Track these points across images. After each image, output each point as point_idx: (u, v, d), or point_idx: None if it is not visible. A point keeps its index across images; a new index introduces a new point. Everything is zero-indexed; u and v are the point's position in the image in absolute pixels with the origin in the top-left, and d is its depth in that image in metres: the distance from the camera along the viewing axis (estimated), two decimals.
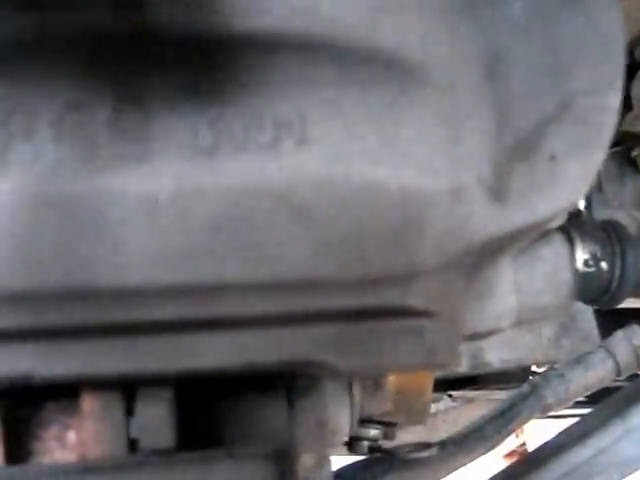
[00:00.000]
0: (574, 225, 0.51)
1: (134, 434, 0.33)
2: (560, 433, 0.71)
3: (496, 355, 0.98)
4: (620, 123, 0.83)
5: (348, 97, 0.29)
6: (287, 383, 0.41)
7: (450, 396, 1.16)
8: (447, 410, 1.15)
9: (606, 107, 0.34)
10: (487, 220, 0.32)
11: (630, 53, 0.79)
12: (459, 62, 0.31)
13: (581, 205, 0.78)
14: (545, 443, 0.70)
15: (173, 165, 0.28)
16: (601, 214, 0.85)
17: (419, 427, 0.93)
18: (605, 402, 0.71)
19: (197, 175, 0.28)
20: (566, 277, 0.42)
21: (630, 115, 0.77)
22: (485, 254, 0.35)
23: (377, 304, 0.31)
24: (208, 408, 0.38)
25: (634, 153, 0.88)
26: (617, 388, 0.74)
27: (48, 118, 0.27)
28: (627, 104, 0.76)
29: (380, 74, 0.29)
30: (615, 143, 0.89)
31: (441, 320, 0.32)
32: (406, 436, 0.77)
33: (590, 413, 0.72)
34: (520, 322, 0.40)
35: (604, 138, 0.34)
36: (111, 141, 0.27)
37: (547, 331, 0.99)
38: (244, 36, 0.28)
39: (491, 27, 0.32)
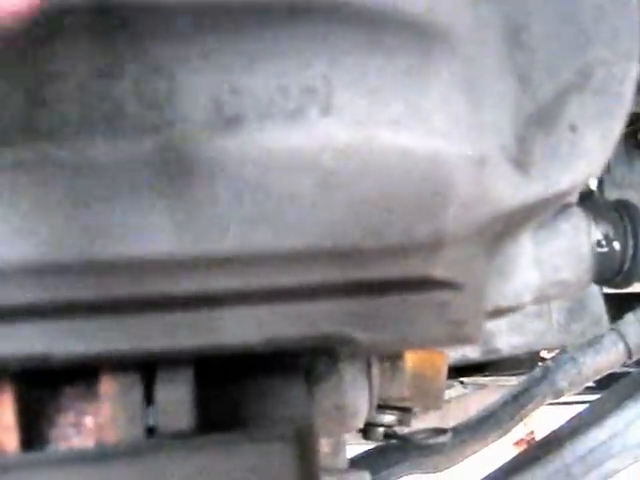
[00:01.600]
0: (586, 205, 0.51)
1: (153, 417, 0.33)
2: (573, 418, 0.71)
3: (506, 341, 0.98)
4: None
5: (373, 63, 0.28)
6: (306, 367, 0.41)
7: (462, 383, 1.16)
8: (459, 397, 1.14)
9: (625, 77, 0.34)
10: (511, 189, 0.32)
11: None
12: (483, 30, 0.31)
13: (593, 185, 0.78)
14: (558, 428, 0.70)
15: (197, 133, 0.27)
16: (612, 194, 0.85)
17: (431, 414, 0.93)
18: (617, 386, 0.71)
19: (221, 143, 0.27)
20: (585, 251, 0.42)
21: (638, 96, 0.77)
22: (507, 226, 0.34)
23: (401, 275, 0.30)
24: (227, 390, 0.37)
25: None
26: (624, 374, 0.73)
27: (73, 85, 0.27)
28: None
29: (406, 40, 0.29)
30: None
31: (465, 293, 0.32)
32: (418, 424, 0.77)
33: (602, 397, 0.72)
34: (541, 298, 0.40)
35: (623, 108, 0.34)
36: (136, 109, 0.27)
37: (557, 316, 0.99)
38: (268, 2, 0.27)
39: None
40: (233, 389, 0.38)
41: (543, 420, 0.86)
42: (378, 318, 0.31)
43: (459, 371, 1.08)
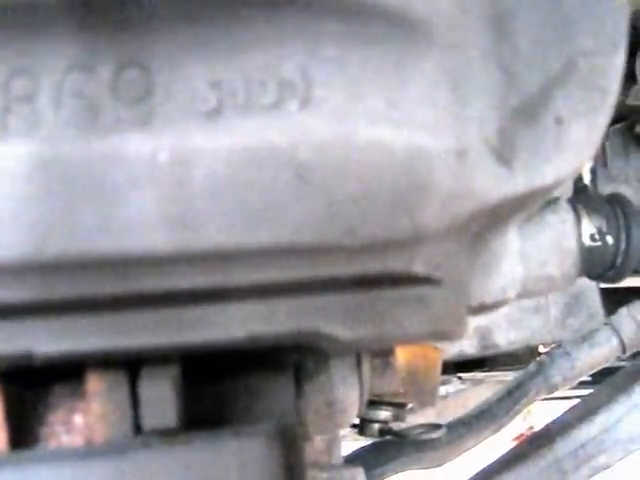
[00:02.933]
0: (580, 199, 0.50)
1: (139, 414, 0.33)
2: (565, 412, 0.71)
3: (503, 336, 0.98)
4: (624, 97, 0.82)
5: (352, 55, 0.28)
6: (295, 363, 0.41)
7: (459, 378, 1.16)
8: (456, 392, 1.14)
9: (610, 69, 0.33)
10: (493, 183, 0.31)
11: (634, 27, 0.78)
12: (465, 19, 0.30)
13: (586, 179, 0.78)
14: (551, 422, 0.70)
15: (175, 127, 0.27)
16: (606, 188, 0.84)
17: (428, 410, 0.93)
18: (609, 380, 0.71)
19: (199, 136, 0.27)
20: (572, 246, 0.41)
21: (635, 89, 0.76)
22: (491, 220, 0.34)
23: (382, 271, 0.30)
24: (215, 387, 0.37)
25: (638, 128, 0.87)
26: (619, 368, 0.73)
27: (48, 81, 0.27)
28: (631, 77, 0.75)
29: (385, 31, 0.28)
30: (619, 118, 0.88)
31: (447, 288, 0.32)
32: (415, 419, 0.77)
33: (594, 392, 0.72)
34: (526, 293, 0.40)
35: (608, 101, 0.33)
36: (112, 104, 0.27)
37: (553, 310, 0.98)
38: None
39: None
40: (221, 385, 0.38)
41: (542, 415, 0.86)
42: (358, 314, 0.31)
43: (457, 366, 1.08)
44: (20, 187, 0.27)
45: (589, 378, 0.78)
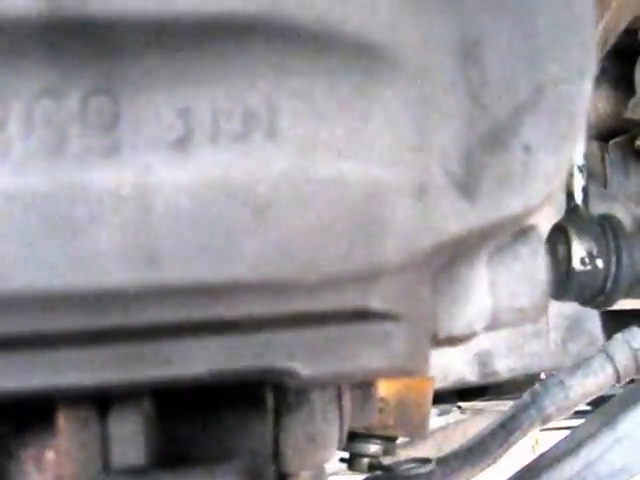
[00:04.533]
0: (571, 221, 0.50)
1: (109, 451, 0.32)
2: (556, 444, 0.69)
3: (503, 363, 0.96)
4: (623, 110, 0.80)
5: (317, 86, 0.28)
6: (275, 397, 0.40)
7: (459, 407, 1.13)
8: (456, 422, 1.12)
9: (578, 96, 0.33)
10: (455, 216, 0.31)
11: (633, 37, 0.76)
12: (431, 46, 0.30)
13: (578, 199, 0.77)
14: (540, 455, 0.68)
15: (140, 158, 0.27)
16: (598, 207, 0.83)
17: (428, 442, 0.91)
18: (597, 411, 0.69)
19: (162, 169, 0.27)
20: (542, 277, 0.40)
21: (633, 101, 0.75)
22: (456, 253, 0.33)
23: (339, 307, 0.30)
24: (189, 424, 0.37)
25: (638, 142, 0.85)
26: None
27: (18, 109, 0.27)
28: (630, 90, 0.74)
29: (349, 60, 0.28)
30: (619, 131, 0.86)
31: (407, 323, 0.31)
32: (414, 452, 0.75)
33: (584, 422, 0.69)
34: (496, 324, 0.39)
35: (575, 128, 0.33)
36: (81, 132, 0.27)
37: (554, 335, 0.97)
38: (213, 22, 0.27)
39: (464, 8, 0.31)
40: (195, 422, 0.37)
41: (550, 444, 0.84)
42: (318, 350, 0.30)
43: (457, 395, 1.06)
44: None
45: (588, 407, 0.76)
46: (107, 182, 0.27)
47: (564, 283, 0.48)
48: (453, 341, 0.37)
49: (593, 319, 0.96)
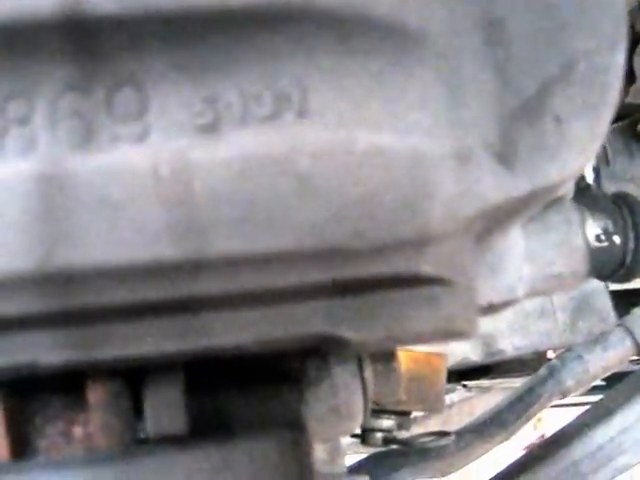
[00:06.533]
0: (583, 200, 0.50)
1: (144, 423, 0.32)
2: (581, 414, 0.69)
3: (508, 342, 0.97)
4: (624, 95, 0.82)
5: (348, 65, 0.28)
6: (298, 372, 0.41)
7: (465, 386, 1.14)
8: (462, 401, 1.13)
9: (610, 67, 0.33)
10: (495, 184, 0.31)
11: (631, 26, 0.78)
12: (457, 25, 0.30)
13: (589, 178, 0.78)
14: (565, 426, 0.69)
15: (172, 141, 0.27)
16: (610, 187, 0.84)
17: (433, 419, 0.92)
18: (625, 381, 0.69)
19: (195, 149, 0.27)
20: (579, 244, 0.41)
21: (634, 87, 0.76)
22: (495, 221, 0.34)
23: (389, 273, 0.30)
24: (219, 396, 0.37)
25: None
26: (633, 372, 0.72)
27: (43, 103, 0.27)
28: (630, 76, 0.76)
29: (379, 40, 0.29)
30: (620, 117, 0.88)
31: (455, 288, 0.32)
32: (419, 429, 0.75)
33: (610, 393, 0.70)
34: (536, 291, 0.40)
35: (610, 98, 0.34)
36: (108, 122, 0.27)
37: (562, 315, 0.98)
38: (239, 8, 0.27)
39: None
40: (224, 395, 0.37)
41: (553, 423, 0.85)
42: (367, 316, 0.30)
43: (462, 374, 1.07)
44: (21, 204, 0.27)
45: (603, 383, 0.77)
46: (141, 163, 0.27)
47: None
48: (494, 308, 0.38)
49: (603, 297, 0.97)
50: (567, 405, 0.94)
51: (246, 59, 0.28)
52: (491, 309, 0.38)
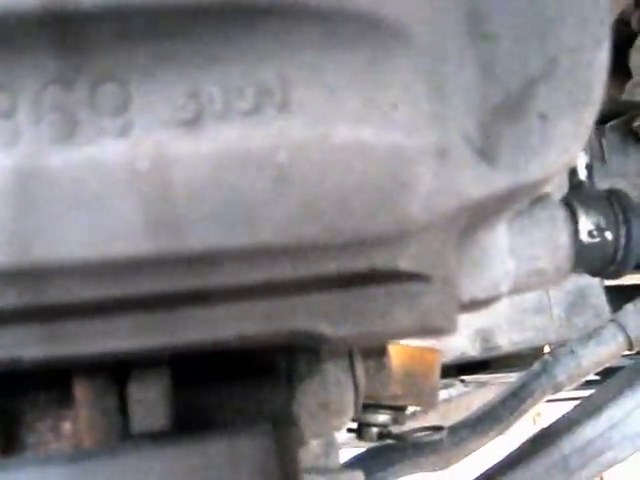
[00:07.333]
0: (576, 196, 0.50)
1: (129, 419, 0.33)
2: (572, 409, 0.70)
3: (506, 337, 0.97)
4: (620, 93, 0.82)
5: (330, 60, 0.28)
6: (288, 366, 0.41)
7: (462, 381, 1.14)
8: (459, 396, 1.13)
9: (594, 64, 0.33)
10: (476, 180, 0.31)
11: (626, 22, 0.78)
12: (441, 20, 0.30)
13: (582, 175, 0.78)
14: (555, 421, 0.69)
15: (154, 136, 0.27)
16: (603, 184, 0.84)
17: (431, 414, 0.92)
18: (615, 376, 0.69)
19: (177, 144, 0.28)
20: (563, 240, 0.41)
21: (630, 84, 0.76)
22: (478, 216, 0.34)
23: (367, 268, 0.30)
24: (207, 392, 0.37)
25: (636, 124, 0.87)
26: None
27: (26, 97, 0.27)
28: (626, 73, 0.75)
29: (361, 34, 0.29)
30: (616, 114, 0.88)
31: (435, 284, 0.31)
32: (417, 424, 0.76)
33: (600, 388, 0.70)
34: (519, 288, 0.39)
35: (594, 96, 0.33)
36: (91, 116, 0.27)
37: (558, 310, 0.98)
38: (221, 3, 0.27)
39: None
40: (212, 389, 0.37)
41: (552, 417, 0.85)
42: (346, 312, 0.30)
43: (460, 369, 1.07)
44: (3, 198, 0.27)
45: (597, 377, 0.77)
46: (121, 158, 0.27)
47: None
48: (477, 304, 0.38)
49: (598, 293, 0.97)
50: (566, 399, 0.94)
51: (229, 54, 0.28)
52: (475, 305, 0.38)
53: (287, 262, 0.29)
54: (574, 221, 0.48)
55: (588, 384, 0.78)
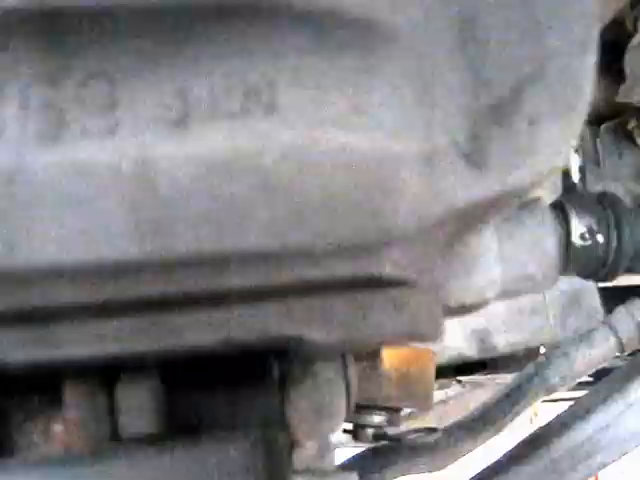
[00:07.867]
0: (569, 198, 0.50)
1: (117, 422, 0.33)
2: (562, 412, 0.70)
3: (502, 338, 0.97)
4: (614, 95, 0.82)
5: (317, 63, 0.28)
6: (281, 369, 0.41)
7: (459, 382, 1.15)
8: (457, 396, 1.13)
9: (581, 69, 0.33)
10: (463, 186, 0.31)
11: (620, 24, 0.79)
12: (429, 23, 0.30)
13: (575, 178, 0.78)
14: (547, 423, 0.69)
15: (140, 136, 0.27)
16: (596, 187, 0.84)
17: (429, 415, 0.92)
18: (605, 379, 0.70)
19: (163, 145, 0.27)
20: (551, 246, 0.41)
21: (624, 86, 0.76)
22: (465, 222, 0.34)
23: (351, 274, 0.30)
24: (198, 394, 0.37)
25: (630, 125, 0.87)
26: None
27: (13, 94, 0.27)
28: (620, 75, 0.76)
29: (349, 39, 0.29)
30: (611, 116, 0.88)
31: (420, 290, 0.31)
32: (415, 425, 0.76)
33: (590, 391, 0.71)
34: (507, 293, 0.39)
35: (583, 99, 0.33)
36: (78, 115, 0.27)
37: (553, 311, 0.98)
38: (209, 5, 0.27)
39: None
40: (204, 393, 0.38)
41: (549, 417, 0.86)
42: (330, 318, 0.30)
43: (457, 370, 1.08)
44: None
45: (591, 379, 0.77)
46: (107, 158, 0.27)
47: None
48: (464, 309, 0.38)
49: (592, 295, 0.97)
50: (563, 400, 0.94)
51: (217, 54, 0.28)
52: (462, 310, 0.38)
53: (271, 267, 0.29)
54: (566, 224, 0.48)
55: (588, 384, 0.78)
